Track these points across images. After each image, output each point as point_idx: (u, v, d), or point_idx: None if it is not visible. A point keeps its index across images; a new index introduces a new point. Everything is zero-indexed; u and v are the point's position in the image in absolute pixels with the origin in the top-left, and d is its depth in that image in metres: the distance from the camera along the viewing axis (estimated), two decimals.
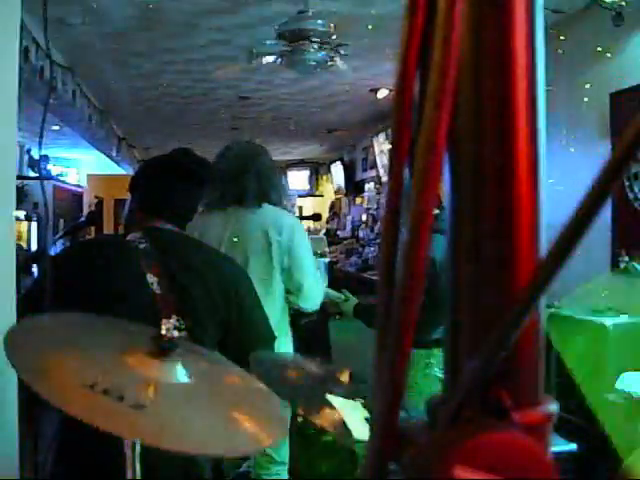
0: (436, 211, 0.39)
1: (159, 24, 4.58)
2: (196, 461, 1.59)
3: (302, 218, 8.11)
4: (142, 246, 1.70)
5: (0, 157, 1.75)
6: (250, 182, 2.51)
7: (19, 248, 4.55)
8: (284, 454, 2.45)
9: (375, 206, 9.00)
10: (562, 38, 4.15)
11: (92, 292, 1.63)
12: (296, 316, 4.47)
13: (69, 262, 1.75)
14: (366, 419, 1.03)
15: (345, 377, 1.21)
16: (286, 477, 2.34)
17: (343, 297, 2.87)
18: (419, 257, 0.34)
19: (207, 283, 1.71)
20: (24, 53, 3.79)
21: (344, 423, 1.05)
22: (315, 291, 2.57)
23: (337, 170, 11.27)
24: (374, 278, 6.51)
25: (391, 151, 0.38)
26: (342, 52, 4.03)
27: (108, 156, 8.69)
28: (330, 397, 1.09)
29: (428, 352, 2.45)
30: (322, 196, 12.93)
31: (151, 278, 1.64)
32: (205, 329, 1.65)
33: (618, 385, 3.23)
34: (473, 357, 0.35)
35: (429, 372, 2.44)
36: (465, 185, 0.37)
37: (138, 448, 1.21)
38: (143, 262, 1.67)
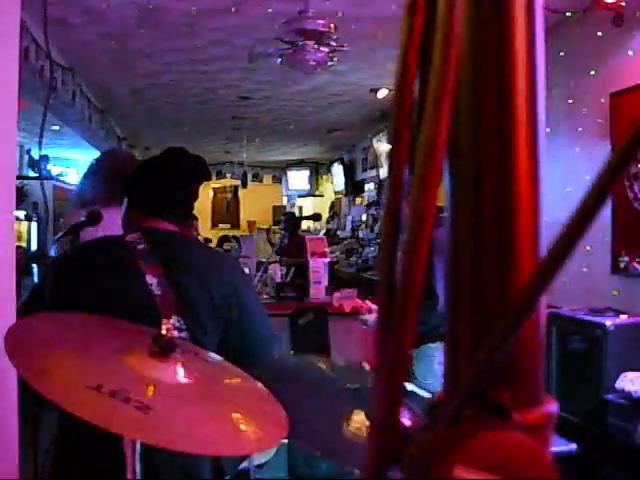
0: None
1: (159, 24, 4.58)
2: (196, 460, 1.59)
3: (302, 218, 8.10)
4: (140, 247, 1.70)
5: (0, 157, 1.75)
6: None
7: (19, 248, 4.55)
8: None
9: (376, 208, 9.01)
10: (562, 38, 4.15)
11: (92, 293, 1.63)
12: (296, 316, 4.48)
13: (69, 264, 1.75)
14: None
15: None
16: None
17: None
18: (419, 257, 0.34)
19: (206, 282, 1.71)
20: (24, 53, 3.79)
21: None
22: None
23: (337, 170, 11.27)
24: (374, 278, 6.51)
25: (391, 151, 0.38)
26: (341, 54, 4.03)
27: None
28: None
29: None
30: (322, 196, 12.94)
31: (150, 279, 1.64)
32: (205, 329, 1.65)
33: (618, 385, 3.23)
34: (473, 357, 0.35)
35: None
36: (465, 185, 0.37)
37: (138, 448, 1.21)
38: (142, 263, 1.67)
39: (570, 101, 4.24)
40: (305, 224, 10.76)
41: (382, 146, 8.38)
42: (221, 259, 1.94)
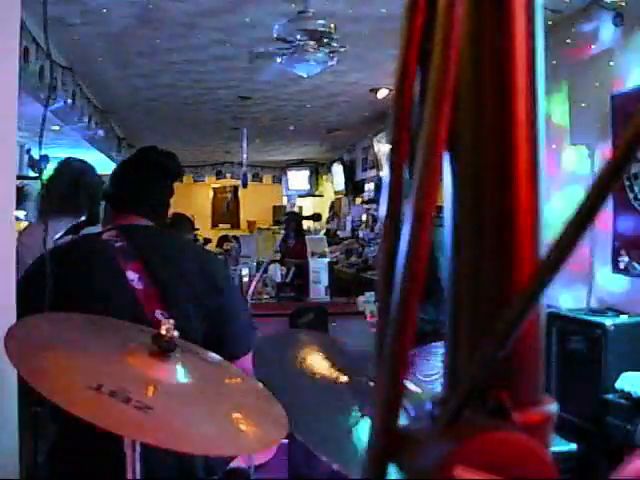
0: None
1: (159, 24, 4.58)
2: (189, 459, 1.59)
3: (302, 218, 8.07)
4: (118, 244, 1.71)
5: (0, 157, 1.75)
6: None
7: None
8: None
9: (375, 206, 9.00)
10: (562, 38, 4.15)
11: (73, 294, 1.63)
12: (296, 316, 4.48)
13: (51, 265, 1.72)
14: None
15: None
16: None
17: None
18: (419, 257, 0.34)
19: (187, 275, 1.72)
20: (24, 53, 3.79)
21: None
22: None
23: (337, 170, 11.26)
24: (374, 278, 6.51)
25: (391, 151, 0.38)
26: (341, 54, 4.03)
27: (108, 156, 8.68)
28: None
29: None
30: (322, 196, 12.93)
31: (131, 275, 1.65)
32: (189, 321, 1.66)
33: (618, 385, 3.23)
34: (473, 357, 0.35)
35: None
36: (465, 185, 0.37)
37: (138, 448, 1.21)
38: (121, 260, 1.68)
39: (570, 101, 4.24)
40: (305, 224, 10.77)
41: (382, 146, 8.38)
42: (200, 251, 1.97)
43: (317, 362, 1.28)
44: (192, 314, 1.68)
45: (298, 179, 12.95)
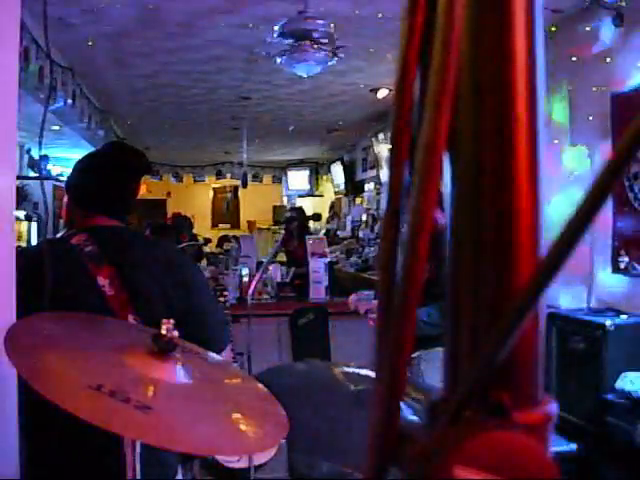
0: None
1: (159, 24, 4.58)
2: (167, 461, 1.59)
3: (307, 218, 8.03)
4: (88, 249, 1.67)
5: (0, 158, 1.75)
6: None
7: (19, 248, 4.53)
8: None
9: (375, 206, 9.01)
10: (562, 38, 4.15)
11: (42, 302, 1.55)
12: (296, 316, 4.48)
13: (19, 272, 1.64)
14: None
15: None
16: None
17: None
18: (419, 257, 0.34)
19: (157, 277, 1.71)
20: (24, 53, 3.79)
21: None
22: None
23: (337, 170, 11.26)
24: (374, 278, 6.51)
25: (391, 151, 0.38)
26: (341, 54, 4.03)
27: None
28: None
29: None
30: (322, 196, 12.93)
31: (102, 281, 1.62)
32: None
33: (618, 385, 3.23)
34: (473, 357, 0.35)
35: None
36: (465, 185, 0.37)
37: (138, 448, 1.21)
38: (91, 266, 1.64)
39: (570, 101, 4.24)
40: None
41: (382, 147, 8.38)
42: (168, 250, 1.93)
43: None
44: (164, 315, 1.65)
45: (298, 179, 12.95)
